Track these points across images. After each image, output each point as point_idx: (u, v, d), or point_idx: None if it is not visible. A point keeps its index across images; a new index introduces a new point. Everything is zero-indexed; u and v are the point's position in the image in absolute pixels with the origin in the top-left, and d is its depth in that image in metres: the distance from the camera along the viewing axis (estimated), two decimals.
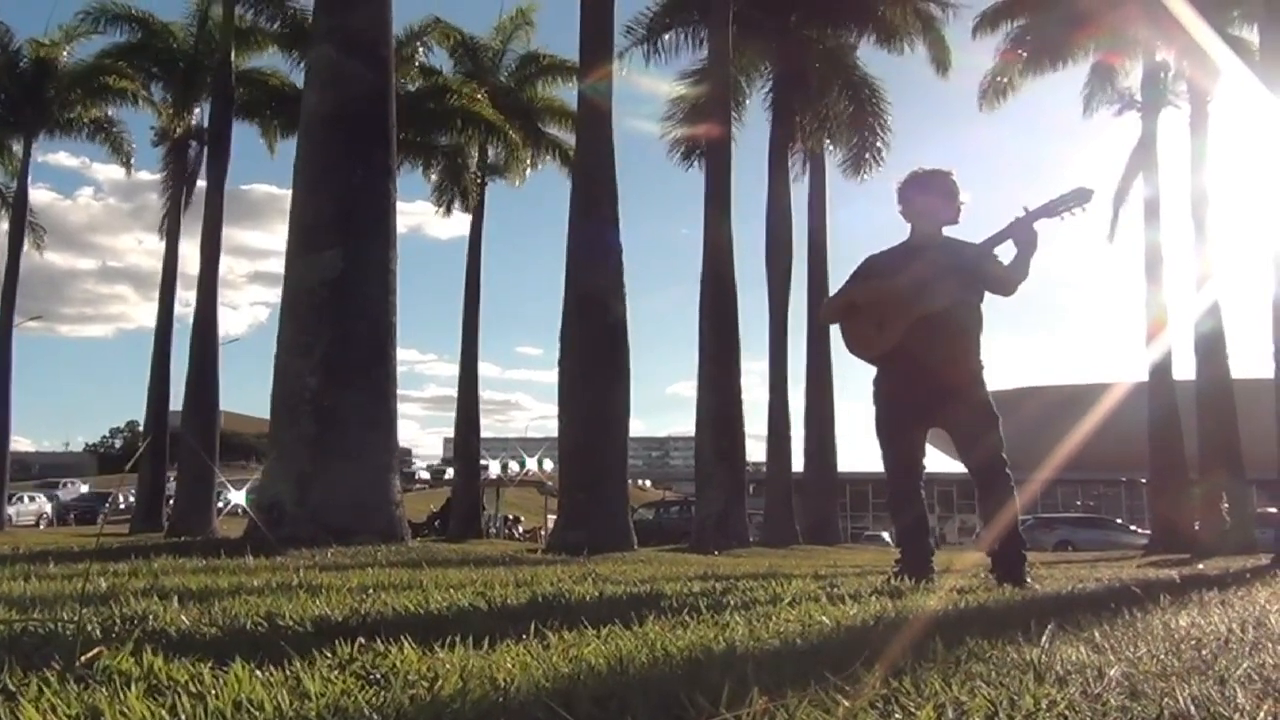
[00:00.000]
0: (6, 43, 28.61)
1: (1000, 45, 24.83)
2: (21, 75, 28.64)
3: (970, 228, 5.12)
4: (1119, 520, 39.14)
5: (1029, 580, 4.83)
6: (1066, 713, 1.65)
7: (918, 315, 4.91)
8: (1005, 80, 24.97)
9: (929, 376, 4.95)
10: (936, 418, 5.10)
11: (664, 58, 25.22)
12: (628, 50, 24.34)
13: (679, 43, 25.10)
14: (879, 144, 26.29)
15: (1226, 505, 21.31)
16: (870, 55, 27.04)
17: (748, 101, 26.91)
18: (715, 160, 20.26)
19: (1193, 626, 2.79)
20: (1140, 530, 33.13)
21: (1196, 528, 21.87)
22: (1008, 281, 4.96)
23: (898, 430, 5.15)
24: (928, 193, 5.11)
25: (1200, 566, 8.79)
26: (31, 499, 40.63)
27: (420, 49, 28.89)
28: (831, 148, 27.60)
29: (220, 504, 25.70)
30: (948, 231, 5.13)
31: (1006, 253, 4.96)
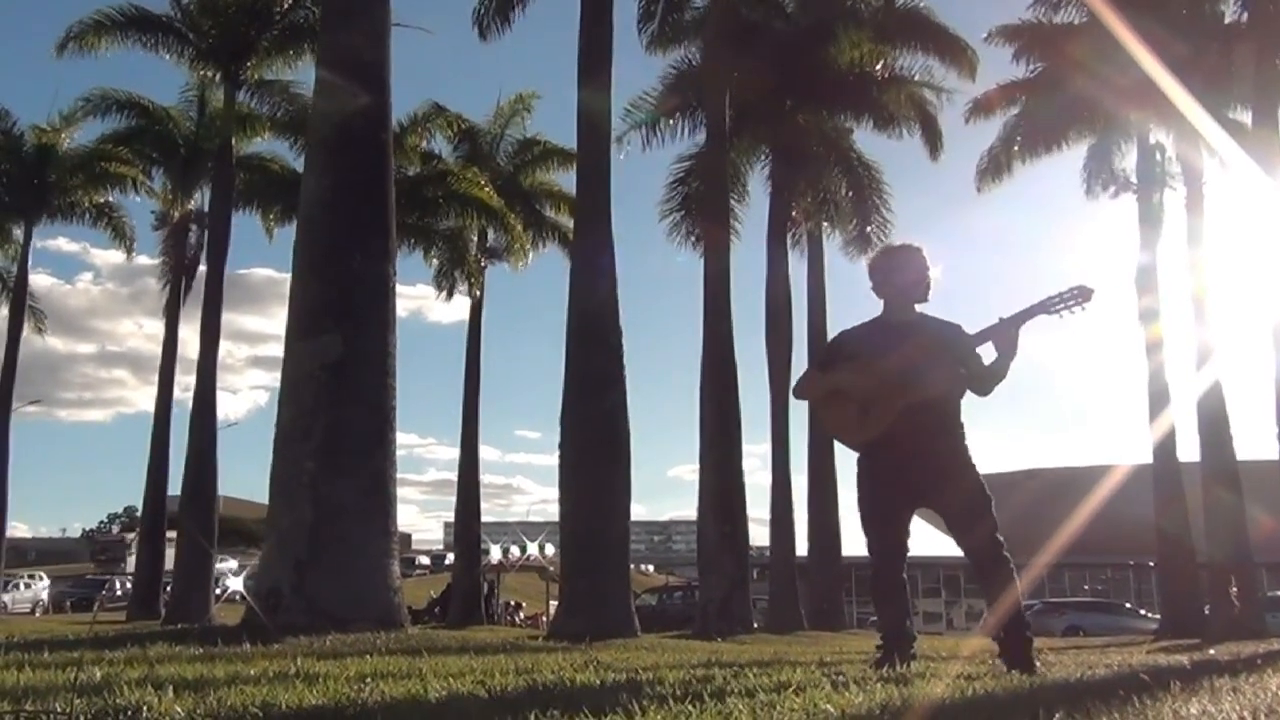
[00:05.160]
0: (9, 128, 28.92)
1: (998, 130, 25.21)
2: (24, 160, 28.92)
3: (970, 307, 5.14)
4: (1128, 605, 38.69)
5: (1038, 666, 4.75)
6: None
7: (907, 402, 4.87)
8: (1002, 163, 25.27)
9: (919, 463, 4.90)
10: (926, 500, 5.04)
11: (662, 141, 25.57)
12: (626, 134, 24.69)
13: (678, 128, 25.45)
14: (882, 225, 26.45)
15: (1236, 589, 21.09)
16: (870, 137, 27.25)
17: (748, 184, 27.16)
18: (713, 247, 20.39)
19: (1203, 714, 2.74)
20: (1150, 615, 32.75)
21: (1206, 612, 21.64)
22: (986, 382, 4.94)
23: (885, 516, 5.09)
24: (896, 270, 5.10)
25: (1211, 652, 8.67)
26: (27, 585, 40.28)
27: (422, 135, 29.26)
28: (829, 230, 27.79)
29: (218, 590, 25.44)
30: (920, 309, 5.11)
31: (987, 351, 4.96)
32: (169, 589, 26.20)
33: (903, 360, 4.89)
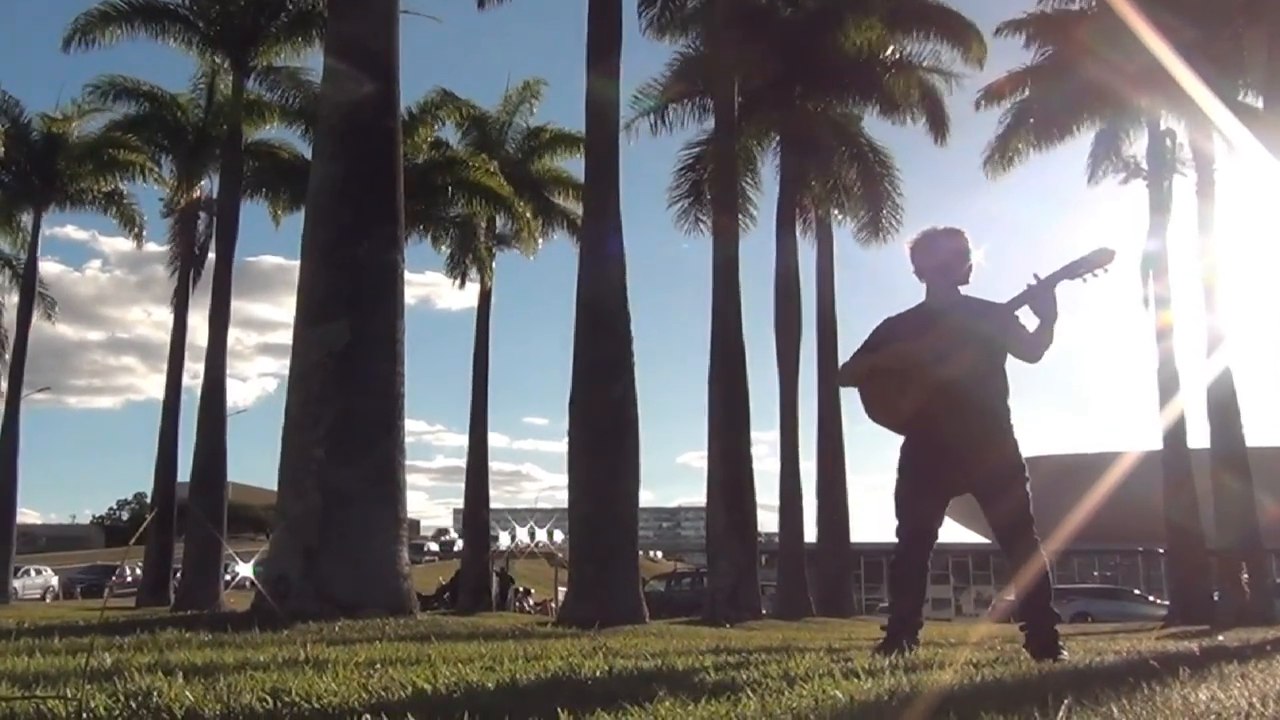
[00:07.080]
0: (16, 115, 28.88)
1: (1003, 118, 25.07)
2: (32, 148, 28.92)
3: (985, 291, 5.07)
4: (1137, 591, 38.65)
5: (1064, 654, 4.68)
6: None
7: (937, 383, 4.84)
8: (1011, 150, 25.13)
9: (954, 444, 4.88)
10: (961, 482, 4.99)
11: (671, 128, 25.52)
12: (634, 121, 24.62)
13: (686, 114, 25.40)
14: (894, 211, 26.35)
15: (1246, 576, 21.06)
16: (880, 123, 27.03)
17: (757, 170, 27.04)
18: (722, 234, 20.36)
19: (1212, 701, 2.73)
20: (1159, 601, 32.73)
21: (1216, 599, 21.61)
22: (1034, 349, 4.89)
23: (918, 497, 5.06)
24: (926, 253, 5.05)
25: (1220, 639, 8.66)
26: (38, 572, 40.45)
27: (431, 123, 29.16)
28: (839, 216, 27.69)
29: (228, 576, 25.53)
30: (963, 291, 5.06)
31: (1027, 316, 4.91)
32: (179, 575, 26.30)
33: (933, 342, 4.87)
